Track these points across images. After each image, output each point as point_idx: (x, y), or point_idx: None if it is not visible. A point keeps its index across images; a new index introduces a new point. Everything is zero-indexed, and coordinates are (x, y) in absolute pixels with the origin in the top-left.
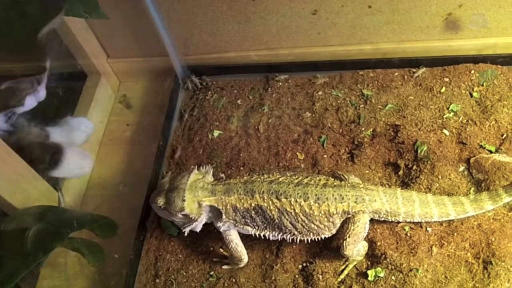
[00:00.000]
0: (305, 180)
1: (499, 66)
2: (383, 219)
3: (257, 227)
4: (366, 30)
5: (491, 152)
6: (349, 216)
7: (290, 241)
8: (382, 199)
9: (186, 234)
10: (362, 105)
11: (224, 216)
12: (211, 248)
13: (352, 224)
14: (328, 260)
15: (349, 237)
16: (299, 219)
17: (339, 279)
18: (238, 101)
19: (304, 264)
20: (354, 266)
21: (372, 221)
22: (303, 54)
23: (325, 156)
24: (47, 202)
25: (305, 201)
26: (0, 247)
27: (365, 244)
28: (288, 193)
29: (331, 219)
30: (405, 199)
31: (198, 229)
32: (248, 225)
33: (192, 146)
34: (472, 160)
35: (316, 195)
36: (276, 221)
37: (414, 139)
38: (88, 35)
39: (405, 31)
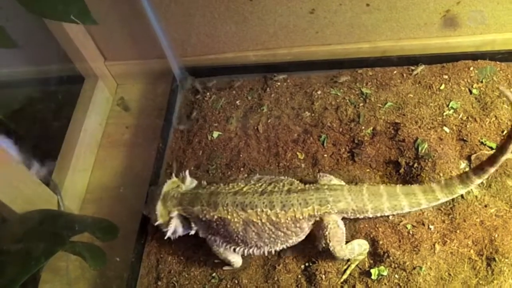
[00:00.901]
0: (269, 188)
1: (498, 62)
2: (352, 217)
3: (221, 240)
4: (364, 28)
5: (491, 148)
6: (317, 219)
7: (255, 254)
8: (346, 198)
9: (166, 238)
10: (361, 104)
11: (193, 225)
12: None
13: (324, 230)
14: (331, 259)
15: (329, 241)
16: (266, 228)
17: (342, 279)
18: (237, 102)
19: (307, 264)
20: (357, 265)
21: (373, 220)
22: (301, 53)
23: (325, 155)
24: (47, 206)
25: (271, 209)
26: (1, 252)
27: (362, 242)
28: (254, 203)
29: (298, 224)
30: (371, 195)
31: (177, 234)
32: (214, 235)
33: (192, 148)
34: (473, 157)
35: (281, 202)
36: (241, 233)
37: (414, 137)
38: (85, 38)
39: (403, 28)
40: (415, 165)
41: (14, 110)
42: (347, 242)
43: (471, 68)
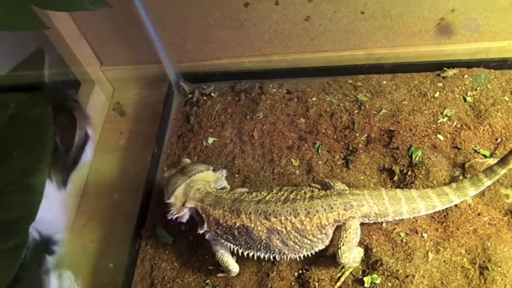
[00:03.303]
0: (291, 196)
1: (492, 70)
2: (372, 221)
3: (239, 246)
4: (359, 35)
5: (485, 156)
6: (340, 224)
7: (279, 260)
8: (369, 202)
9: (169, 218)
10: (356, 111)
11: (206, 226)
12: (207, 256)
13: (344, 232)
14: (324, 267)
15: (343, 245)
16: (291, 236)
17: (336, 286)
18: (232, 108)
19: (300, 272)
20: (350, 273)
21: (367, 227)
22: (296, 60)
23: (319, 162)
24: None
25: (295, 217)
26: None
27: (361, 250)
28: (277, 211)
29: (323, 231)
30: (391, 199)
31: (178, 221)
32: (230, 242)
33: (187, 154)
34: (467, 165)
35: (305, 209)
36: (264, 241)
37: (408, 144)
38: (81, 43)
39: (398, 36)
40: (409, 172)
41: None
42: None
43: (466, 76)
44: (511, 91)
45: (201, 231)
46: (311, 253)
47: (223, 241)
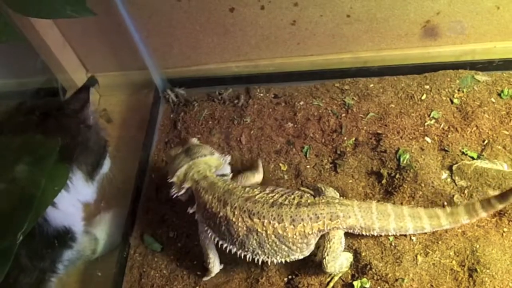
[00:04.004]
0: (280, 200)
1: (478, 72)
2: (357, 233)
3: (217, 234)
4: (345, 39)
5: (473, 158)
6: (324, 233)
7: (247, 258)
8: (356, 215)
9: (171, 195)
10: (343, 114)
11: (195, 206)
12: (195, 262)
13: (328, 242)
14: (314, 272)
15: (327, 255)
16: (270, 240)
17: None
18: (219, 113)
19: (290, 277)
20: (340, 277)
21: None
22: (283, 64)
23: (308, 166)
24: None
25: (279, 223)
26: None
27: (349, 255)
28: (262, 213)
29: (305, 240)
30: (380, 213)
31: (182, 198)
32: (211, 228)
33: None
34: (454, 167)
35: (291, 216)
36: (241, 238)
37: (396, 147)
38: (66, 50)
39: (384, 39)
40: (397, 175)
41: None
42: None
43: (452, 78)
44: (498, 92)
45: (191, 211)
46: (284, 261)
47: (205, 227)
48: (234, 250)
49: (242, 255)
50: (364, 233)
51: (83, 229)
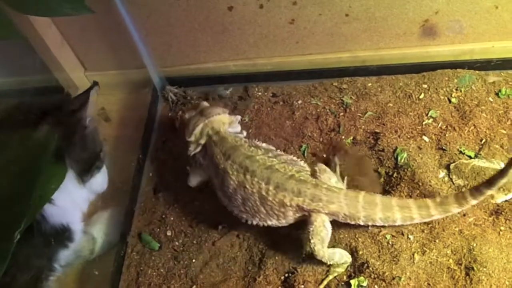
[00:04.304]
0: (277, 166)
1: (476, 71)
2: (343, 221)
3: (213, 183)
4: (344, 38)
5: (470, 157)
6: (305, 214)
7: (233, 211)
8: (341, 202)
9: (190, 154)
10: (341, 113)
11: (207, 158)
12: (193, 261)
13: (310, 225)
14: (311, 269)
15: (312, 238)
16: (252, 198)
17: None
18: None
19: (287, 275)
20: (335, 277)
21: (353, 230)
22: (281, 63)
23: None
24: None
25: (265, 184)
26: None
27: (347, 255)
28: (255, 172)
29: (282, 209)
30: (366, 203)
31: (196, 157)
32: (211, 175)
33: (172, 159)
34: (452, 166)
35: (277, 183)
36: (231, 190)
37: (394, 146)
38: (64, 48)
39: (382, 38)
40: (395, 174)
41: None
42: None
43: (450, 77)
44: (496, 92)
45: (202, 162)
46: (263, 224)
47: (205, 172)
48: (225, 202)
49: (228, 207)
50: (349, 221)
51: (82, 229)
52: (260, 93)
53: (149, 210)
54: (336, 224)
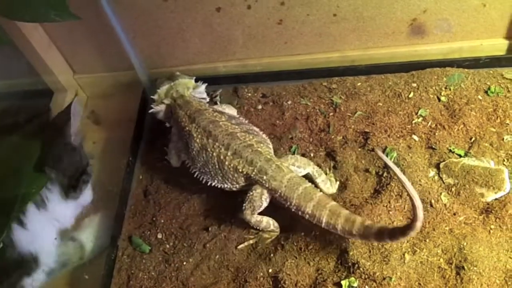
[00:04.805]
0: (238, 134)
1: (465, 69)
2: (278, 200)
3: (181, 147)
4: (332, 38)
5: (460, 156)
6: (252, 182)
7: (195, 173)
8: (283, 182)
9: (149, 111)
10: (331, 113)
11: (172, 121)
12: (184, 263)
13: (250, 192)
14: (300, 271)
15: (246, 202)
16: (212, 161)
17: (239, 247)
18: None
19: (276, 275)
20: (257, 242)
21: None
22: (270, 64)
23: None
24: None
25: (225, 150)
26: None
27: (276, 225)
28: (217, 137)
29: (235, 175)
30: (304, 194)
31: (157, 116)
32: (178, 138)
33: (162, 161)
34: (441, 165)
35: (235, 149)
36: (195, 152)
37: (383, 145)
38: (52, 51)
39: (371, 38)
40: (385, 174)
41: None
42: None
43: (439, 76)
44: (485, 90)
45: (167, 125)
46: (221, 187)
47: (174, 135)
48: (188, 164)
49: (193, 171)
50: (283, 202)
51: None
52: (249, 94)
53: (139, 213)
54: None
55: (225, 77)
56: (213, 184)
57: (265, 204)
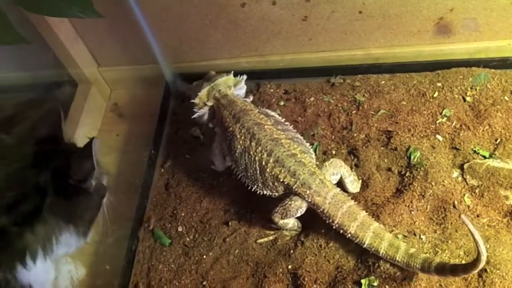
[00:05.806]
0: (283, 141)
1: (492, 69)
2: (320, 215)
3: (223, 145)
4: (357, 35)
5: (485, 157)
6: (292, 192)
7: (237, 174)
8: (327, 199)
9: (192, 117)
10: (354, 111)
11: (215, 121)
12: (204, 257)
13: (289, 200)
14: (320, 267)
15: (280, 207)
16: (253, 166)
17: (258, 241)
18: None
19: (296, 272)
20: (277, 238)
21: None
22: (294, 60)
23: (317, 163)
24: None
25: (267, 155)
26: None
27: (299, 225)
28: (260, 141)
29: (276, 184)
30: (348, 213)
31: (201, 121)
32: (221, 138)
33: (184, 155)
34: (466, 165)
35: (278, 157)
36: (237, 154)
37: (407, 145)
38: (78, 44)
39: (396, 36)
40: (407, 173)
41: (6, 116)
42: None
43: (465, 76)
44: (511, 90)
45: (210, 125)
46: (261, 192)
47: (219, 138)
48: (230, 163)
49: (235, 171)
50: (325, 219)
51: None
52: (272, 90)
53: (160, 206)
54: None
55: (247, 73)
56: (253, 189)
57: (298, 215)
